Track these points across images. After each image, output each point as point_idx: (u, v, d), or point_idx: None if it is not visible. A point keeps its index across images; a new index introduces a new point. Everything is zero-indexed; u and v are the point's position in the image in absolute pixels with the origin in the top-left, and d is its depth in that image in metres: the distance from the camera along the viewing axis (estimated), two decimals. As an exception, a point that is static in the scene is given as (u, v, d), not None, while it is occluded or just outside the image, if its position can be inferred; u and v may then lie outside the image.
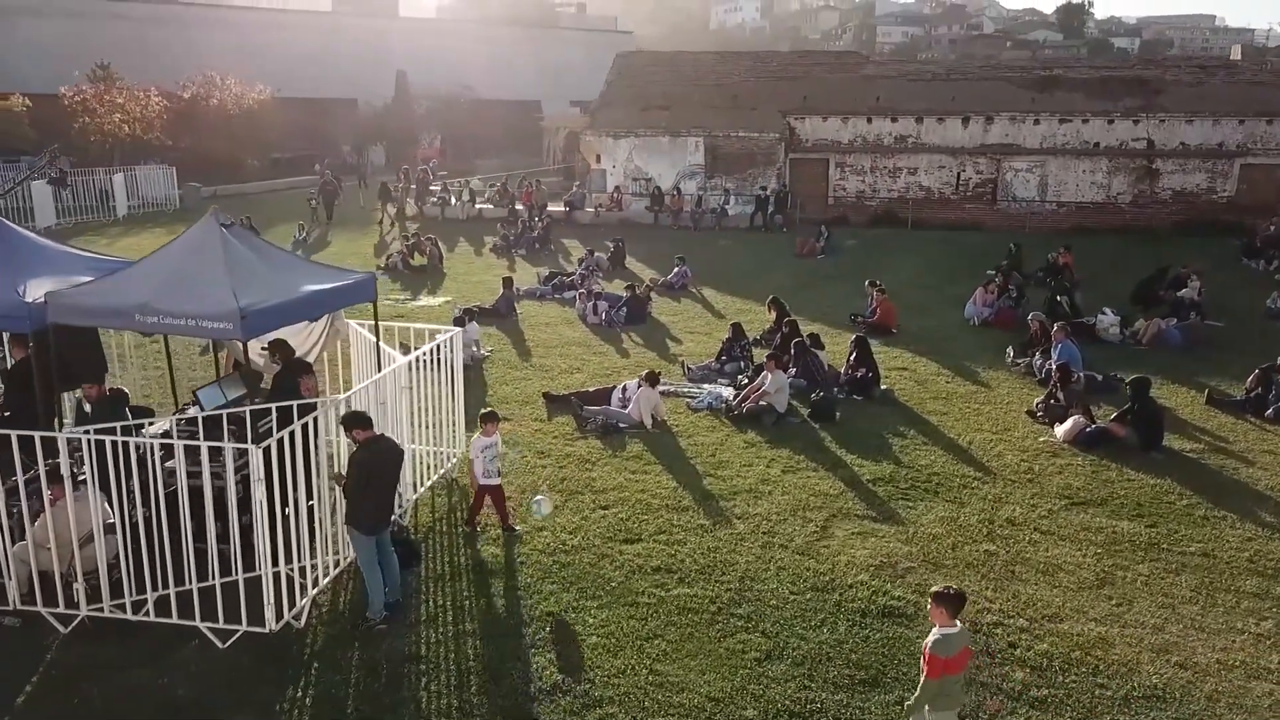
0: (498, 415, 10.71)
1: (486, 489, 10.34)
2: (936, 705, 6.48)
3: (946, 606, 6.41)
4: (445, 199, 35.66)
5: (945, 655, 6.33)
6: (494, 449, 10.29)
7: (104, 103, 41.91)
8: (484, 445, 10.21)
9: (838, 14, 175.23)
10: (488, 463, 10.20)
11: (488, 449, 10.21)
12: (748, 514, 10.89)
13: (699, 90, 37.67)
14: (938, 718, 6.53)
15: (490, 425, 10.35)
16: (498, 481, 10.39)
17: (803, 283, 24.37)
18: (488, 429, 10.30)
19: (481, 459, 10.18)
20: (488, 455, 10.20)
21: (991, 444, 13.15)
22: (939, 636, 6.39)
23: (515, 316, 20.37)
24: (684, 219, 33.74)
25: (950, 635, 6.39)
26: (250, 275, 9.37)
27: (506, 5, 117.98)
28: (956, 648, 6.40)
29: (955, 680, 6.52)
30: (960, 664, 6.50)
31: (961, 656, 6.49)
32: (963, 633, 6.53)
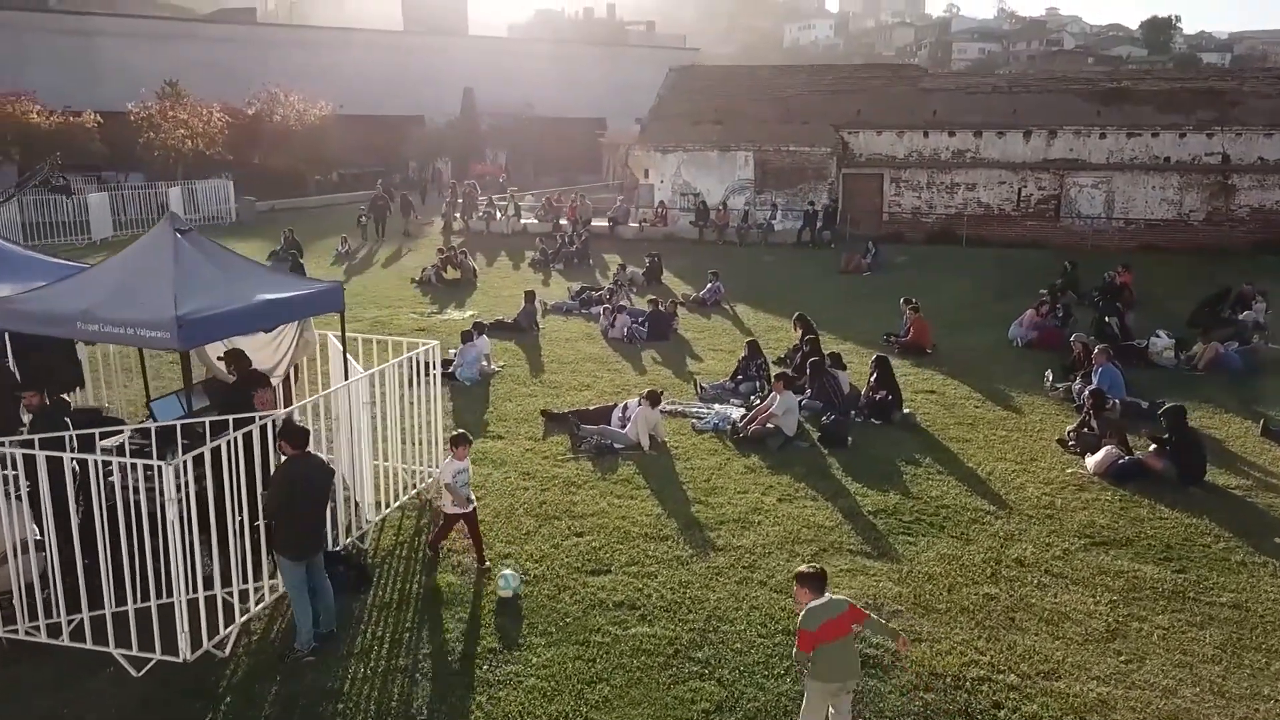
0: (469, 438, 9.89)
1: (457, 517, 9.62)
2: (818, 675, 6.60)
3: (806, 586, 6.67)
4: (491, 214, 35.45)
5: (809, 628, 6.50)
6: (466, 474, 9.60)
7: (168, 118, 42.80)
8: (456, 470, 9.48)
9: (913, 30, 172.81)
10: (459, 489, 9.45)
11: (460, 474, 9.49)
12: (731, 546, 10.10)
13: (751, 104, 36.96)
14: (825, 687, 6.63)
15: (461, 448, 9.57)
16: (470, 508, 9.62)
17: (843, 300, 23.44)
18: (459, 452, 9.54)
19: (454, 484, 9.45)
20: (459, 481, 9.47)
21: (1013, 475, 12.13)
22: (804, 613, 6.58)
23: (537, 331, 19.85)
24: (729, 234, 33.00)
25: (815, 607, 6.55)
26: (198, 283, 8.96)
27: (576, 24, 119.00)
28: (822, 619, 6.51)
29: (835, 648, 6.56)
30: (832, 633, 6.53)
31: (832, 625, 6.53)
32: (832, 602, 6.66)
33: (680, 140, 36.18)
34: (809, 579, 6.70)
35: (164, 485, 7.29)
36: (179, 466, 7.30)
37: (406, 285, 25.27)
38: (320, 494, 8.07)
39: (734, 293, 23.72)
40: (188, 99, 45.54)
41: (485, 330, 17.22)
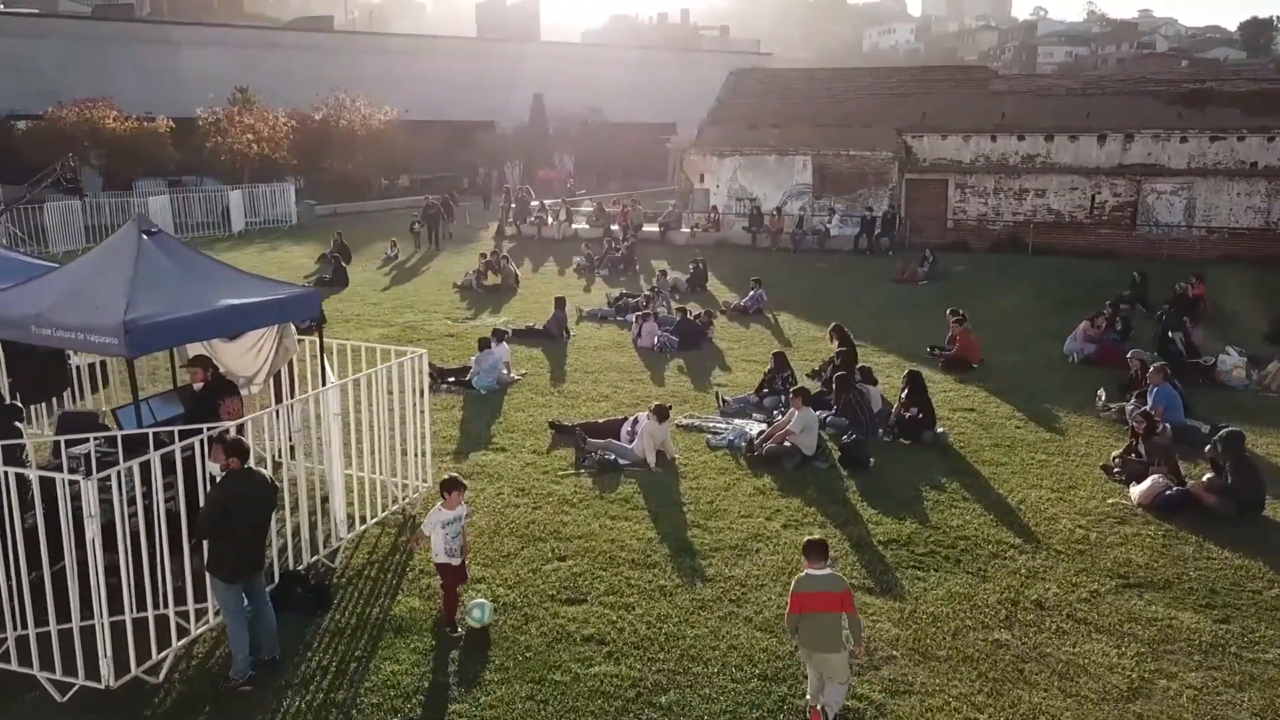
0: (462, 483, 8.48)
1: (455, 570, 8.41)
2: (804, 642, 6.89)
3: (809, 554, 7.00)
4: (542, 219, 35.08)
5: (801, 591, 6.81)
6: (457, 524, 8.33)
7: (235, 123, 43.52)
8: (445, 520, 8.23)
9: (997, 34, 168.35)
10: (449, 540, 8.25)
11: (450, 524, 8.26)
12: (721, 576, 9.34)
13: (812, 107, 35.97)
14: (806, 654, 6.93)
15: (453, 495, 8.30)
16: (458, 562, 8.40)
17: (893, 311, 22.41)
18: (450, 499, 8.29)
19: (442, 535, 8.23)
20: (449, 532, 8.25)
21: (1047, 504, 11.11)
22: (800, 576, 6.97)
23: (566, 338, 19.28)
24: (783, 240, 32.07)
25: (812, 575, 6.88)
26: (156, 287, 8.56)
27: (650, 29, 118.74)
28: (815, 588, 6.79)
29: (818, 620, 6.75)
30: (814, 605, 6.74)
31: (818, 598, 6.75)
32: (832, 577, 6.97)
33: (737, 144, 35.38)
34: (813, 547, 7.01)
35: (85, 501, 6.84)
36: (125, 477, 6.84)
37: (447, 290, 24.96)
38: (260, 512, 7.55)
39: (778, 301, 22.86)
40: (255, 105, 46.33)
41: (505, 338, 16.70)
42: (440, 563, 8.37)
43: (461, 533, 8.40)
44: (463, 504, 8.44)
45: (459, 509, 8.38)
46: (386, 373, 10.39)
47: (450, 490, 8.36)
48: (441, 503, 8.38)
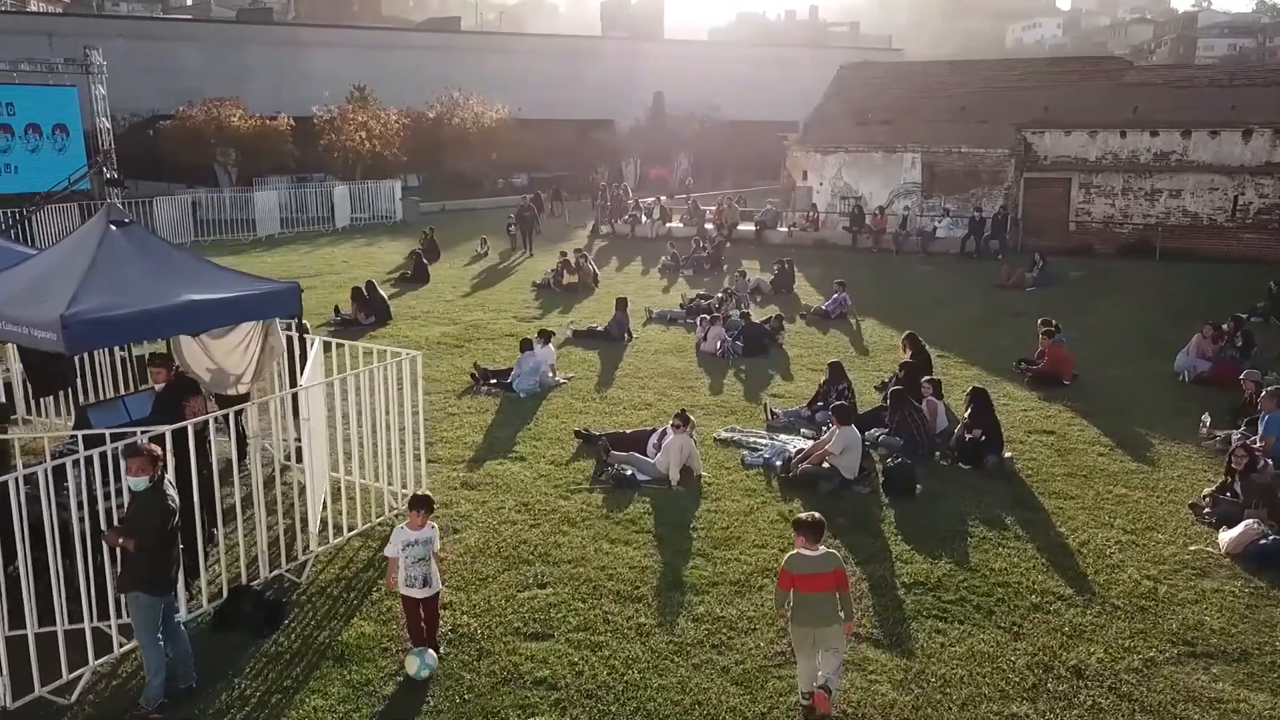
0: (431, 501, 7.70)
1: (412, 602, 7.49)
2: (795, 618, 6.82)
3: (803, 534, 6.90)
4: (636, 217, 34.30)
5: (791, 571, 6.78)
6: (420, 548, 7.38)
7: (349, 121, 44.37)
8: (406, 541, 7.38)
9: (1152, 27, 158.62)
10: (409, 566, 7.36)
11: (411, 547, 7.36)
12: (710, 615, 8.30)
13: (924, 102, 34.04)
14: (799, 630, 6.82)
15: (418, 514, 7.45)
16: (426, 593, 7.46)
17: (991, 319, 20.68)
18: (414, 519, 7.46)
19: (403, 560, 7.38)
20: (410, 556, 7.35)
21: (1114, 548, 9.60)
22: (792, 554, 6.90)
23: (627, 341, 18.41)
24: (886, 241, 30.35)
25: (804, 556, 6.81)
26: (111, 281, 8.12)
27: (777, 28, 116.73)
28: (805, 569, 6.75)
29: (810, 599, 6.72)
30: (809, 585, 6.72)
31: (812, 579, 6.72)
32: (826, 556, 6.89)
33: (842, 141, 33.79)
34: (807, 527, 6.90)
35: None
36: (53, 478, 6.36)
37: (526, 289, 24.44)
38: (172, 525, 6.94)
39: (865, 305, 21.42)
40: (372, 103, 47.21)
41: (551, 339, 15.95)
42: (401, 593, 7.54)
43: (429, 559, 7.45)
44: (431, 526, 7.53)
45: (425, 531, 7.46)
46: (369, 375, 9.69)
47: (415, 509, 7.54)
48: (405, 522, 7.58)
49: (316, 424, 9.06)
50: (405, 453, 10.24)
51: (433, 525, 7.62)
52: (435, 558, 7.56)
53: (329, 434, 10.18)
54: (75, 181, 28.51)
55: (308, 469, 8.86)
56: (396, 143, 45.59)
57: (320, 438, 9.08)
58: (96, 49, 31.67)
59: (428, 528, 7.51)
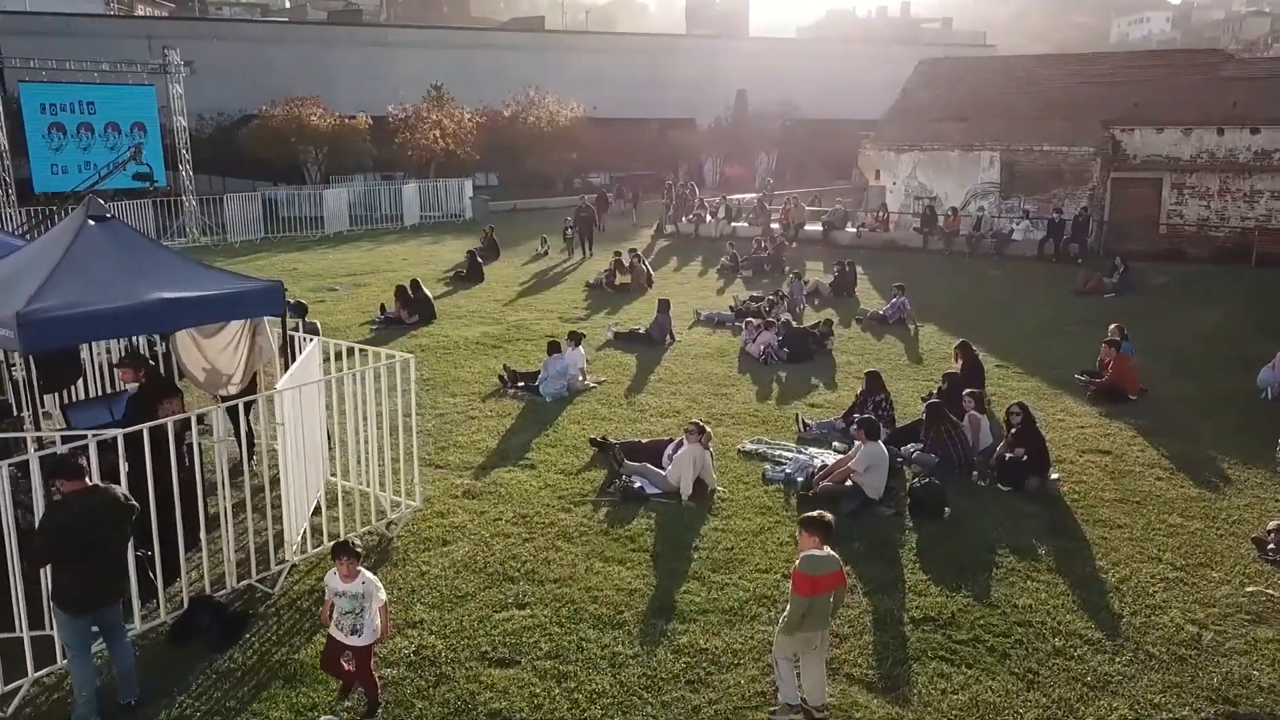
0: (353, 549, 6.77)
1: (337, 644, 6.80)
2: (804, 626, 6.55)
3: (816, 534, 6.65)
4: (701, 216, 33.60)
5: (813, 574, 6.50)
6: (348, 601, 6.66)
7: (423, 120, 44.68)
8: (335, 589, 6.73)
9: (1269, 20, 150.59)
10: (339, 616, 6.72)
11: (340, 598, 6.69)
12: (693, 646, 7.66)
13: (1003, 98, 32.58)
14: (806, 637, 6.60)
15: (344, 561, 6.66)
16: (355, 641, 6.72)
17: (1061, 327, 19.47)
18: (340, 565, 6.70)
19: (335, 605, 6.76)
20: (339, 607, 6.71)
21: (1160, 585, 8.64)
22: (806, 555, 6.59)
23: (669, 344, 17.81)
24: (958, 243, 29.06)
25: (818, 556, 6.58)
26: (81, 277, 7.88)
27: (867, 24, 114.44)
28: (823, 569, 6.54)
29: (824, 601, 6.56)
30: (827, 585, 6.56)
31: (829, 579, 6.57)
32: (831, 558, 6.66)
33: (917, 139, 32.55)
34: (819, 526, 6.68)
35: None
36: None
37: (578, 290, 24.00)
38: (108, 536, 6.61)
39: (927, 310, 20.40)
40: (448, 102, 47.50)
41: (581, 341, 15.44)
42: (332, 636, 6.81)
43: (361, 613, 6.64)
44: (363, 581, 6.68)
45: (354, 585, 6.65)
46: (355, 378, 9.31)
47: (337, 557, 6.73)
48: (333, 568, 6.84)
49: (300, 428, 8.68)
50: (401, 459, 9.87)
51: (366, 579, 6.70)
52: (382, 612, 6.71)
53: (319, 438, 9.85)
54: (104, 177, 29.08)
55: (283, 475, 8.50)
56: (470, 142, 45.73)
57: (299, 443, 8.69)
58: (174, 49, 32.46)
59: (359, 581, 6.66)
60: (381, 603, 6.73)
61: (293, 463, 8.59)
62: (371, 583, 6.73)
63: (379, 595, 6.74)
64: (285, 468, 8.51)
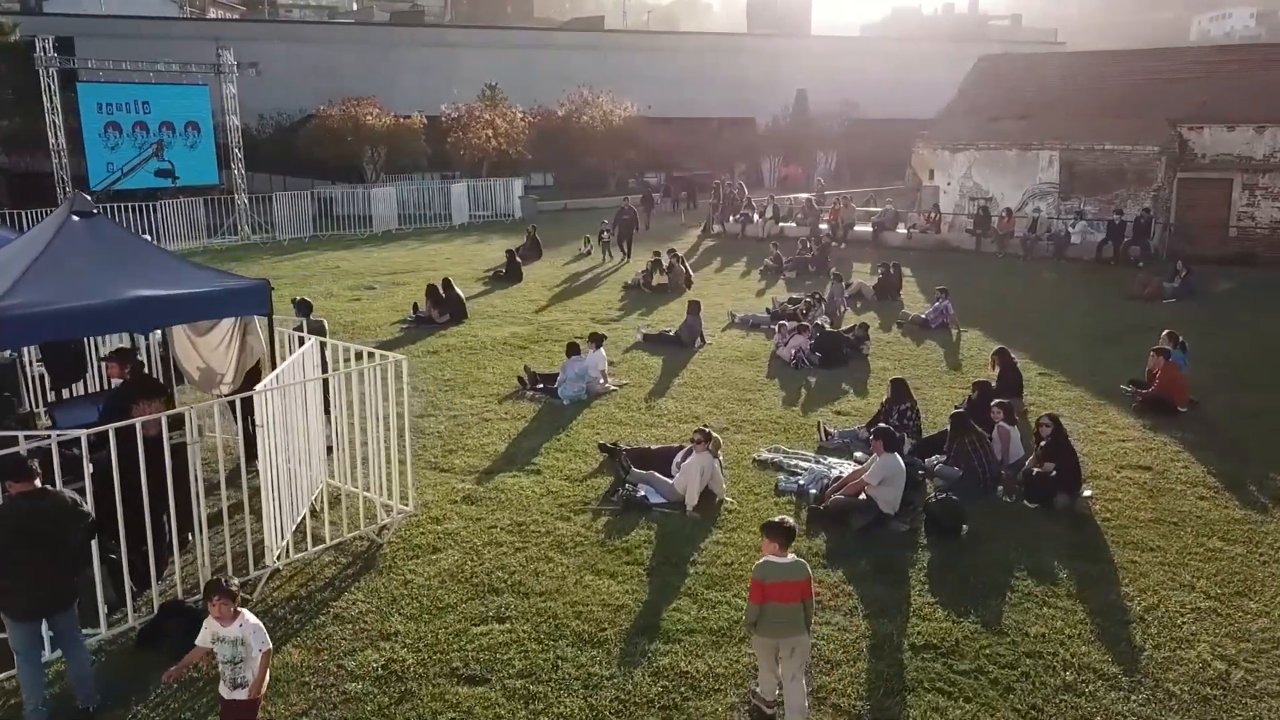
0: (226, 587, 5.96)
1: (231, 705, 6.07)
2: (761, 630, 6.47)
3: (776, 540, 6.49)
4: (748, 216, 33.02)
5: (764, 580, 6.40)
6: (229, 648, 5.94)
7: (476, 119, 44.78)
8: (215, 635, 5.99)
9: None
10: (221, 665, 6.02)
11: (220, 644, 5.97)
12: (673, 669, 7.23)
13: (1064, 95, 31.46)
14: (765, 641, 6.52)
15: (217, 601, 5.91)
16: (239, 695, 6.01)
17: (1113, 334, 18.58)
18: (213, 606, 5.94)
19: (216, 654, 6.06)
20: (221, 652, 5.98)
21: (1190, 616, 7.99)
22: (763, 562, 6.51)
23: (698, 346, 17.37)
24: (1012, 245, 28.07)
25: (775, 563, 6.46)
26: (58, 273, 7.74)
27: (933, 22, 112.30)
28: (776, 577, 6.42)
29: (781, 609, 6.41)
30: (782, 595, 6.41)
31: (785, 588, 6.42)
32: (796, 565, 6.54)
33: (973, 138, 31.58)
34: (779, 532, 6.52)
35: None
36: None
37: (615, 290, 23.64)
38: (55, 540, 6.41)
39: (975, 315, 19.67)
40: (500, 102, 47.56)
41: (602, 343, 15.09)
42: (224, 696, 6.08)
43: (245, 662, 5.93)
44: (242, 624, 5.94)
45: (233, 628, 5.91)
46: (344, 379, 9.06)
47: (209, 597, 5.95)
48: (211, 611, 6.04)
49: (284, 429, 8.46)
50: (395, 462, 9.62)
51: (246, 622, 5.98)
52: (263, 661, 5.98)
53: (314, 440, 9.63)
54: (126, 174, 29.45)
55: (263, 478, 8.28)
56: (522, 141, 45.71)
57: (283, 445, 8.46)
58: (229, 49, 32.88)
59: (237, 624, 5.94)
60: (264, 649, 5.98)
61: (273, 465, 8.36)
62: (252, 626, 5.99)
63: (262, 640, 6.00)
64: (265, 470, 8.29)
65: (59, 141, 29.82)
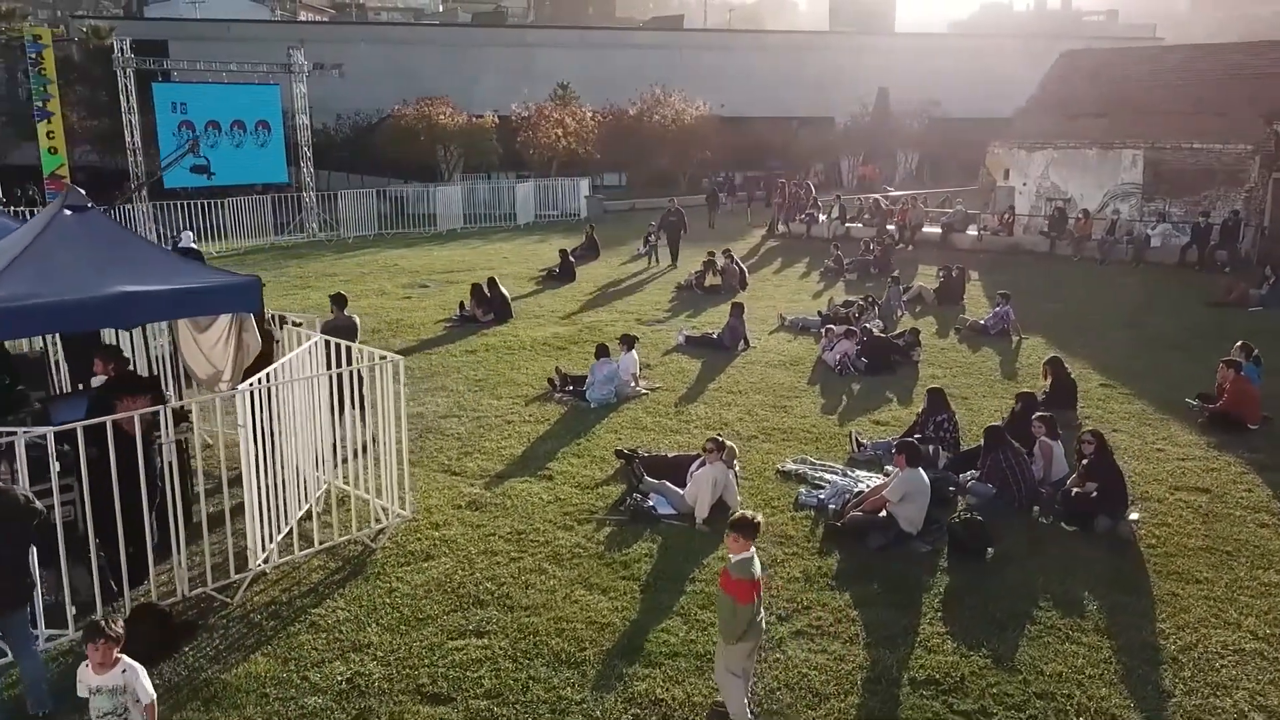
0: (106, 630, 5.36)
1: None
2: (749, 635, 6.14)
3: (745, 535, 6.11)
4: (813, 216, 32.21)
5: (755, 575, 6.09)
6: (106, 699, 5.42)
7: (545, 119, 44.77)
8: (90, 685, 5.47)
9: None
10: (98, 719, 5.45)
11: (96, 695, 5.45)
12: (647, 697, 6.78)
13: (1151, 91, 29.92)
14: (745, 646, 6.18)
15: (95, 646, 5.34)
16: None
17: (1187, 343, 17.46)
18: (91, 652, 5.39)
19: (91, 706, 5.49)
20: (97, 704, 5.43)
21: (1231, 659, 7.22)
22: (745, 558, 6.07)
23: (741, 349, 16.83)
24: (1089, 249, 26.74)
25: (751, 559, 6.09)
26: (42, 268, 7.64)
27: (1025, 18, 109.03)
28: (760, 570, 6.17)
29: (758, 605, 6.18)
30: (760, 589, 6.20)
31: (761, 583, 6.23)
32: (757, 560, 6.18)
33: (1051, 136, 30.26)
34: (749, 528, 6.14)
35: None
36: None
37: (668, 291, 23.15)
38: (2, 539, 6.27)
39: (1039, 321, 18.75)
40: (571, 101, 47.50)
41: (634, 345, 14.67)
42: None
43: (124, 715, 5.41)
44: (124, 670, 5.38)
45: (112, 676, 5.34)
46: (333, 380, 8.82)
47: (89, 640, 5.35)
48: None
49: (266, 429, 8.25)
50: (394, 465, 9.35)
51: (128, 668, 5.43)
52: (149, 714, 5.43)
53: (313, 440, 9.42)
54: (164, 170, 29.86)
55: (245, 480, 8.07)
56: (591, 140, 45.55)
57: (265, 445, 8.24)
58: (299, 49, 33.40)
59: (118, 671, 5.36)
60: (148, 701, 5.42)
61: (257, 466, 8.15)
62: (135, 671, 5.42)
63: (145, 689, 5.41)
64: (247, 472, 8.08)
65: (134, 140, 30.61)
